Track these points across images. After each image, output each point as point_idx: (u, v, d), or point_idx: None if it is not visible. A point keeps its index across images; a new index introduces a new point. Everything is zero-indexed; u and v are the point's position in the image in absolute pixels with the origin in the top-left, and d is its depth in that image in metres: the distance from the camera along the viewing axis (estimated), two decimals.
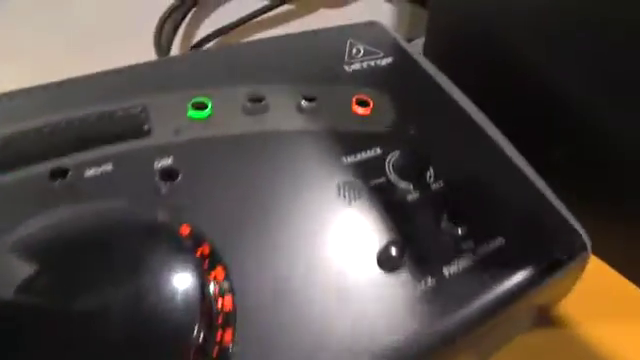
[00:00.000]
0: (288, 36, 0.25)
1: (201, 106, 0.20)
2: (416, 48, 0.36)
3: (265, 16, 0.36)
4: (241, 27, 0.35)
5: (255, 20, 0.35)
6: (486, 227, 0.19)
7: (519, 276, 0.18)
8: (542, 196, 0.21)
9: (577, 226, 0.20)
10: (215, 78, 0.21)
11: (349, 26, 0.27)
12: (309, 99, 0.21)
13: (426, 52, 0.34)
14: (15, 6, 0.30)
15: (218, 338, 0.14)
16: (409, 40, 0.40)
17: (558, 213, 0.20)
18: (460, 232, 0.18)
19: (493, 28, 0.27)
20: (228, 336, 0.14)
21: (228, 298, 0.15)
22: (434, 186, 0.19)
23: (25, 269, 0.13)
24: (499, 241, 0.18)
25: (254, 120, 0.20)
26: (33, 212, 0.15)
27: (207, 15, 0.35)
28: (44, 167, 0.17)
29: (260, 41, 0.24)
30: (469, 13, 0.29)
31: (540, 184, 0.21)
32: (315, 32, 0.26)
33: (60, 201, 0.16)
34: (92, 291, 0.13)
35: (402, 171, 0.19)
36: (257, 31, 0.37)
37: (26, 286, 0.13)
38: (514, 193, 0.20)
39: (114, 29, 0.32)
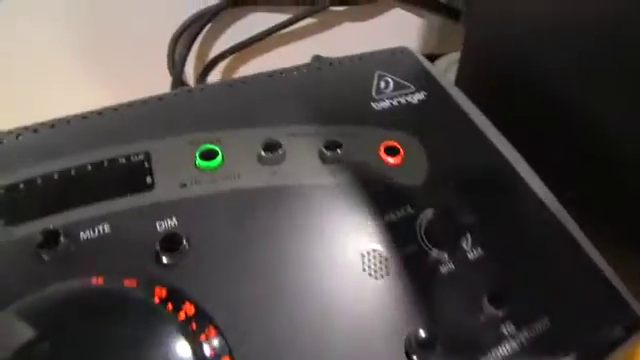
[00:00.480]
0: (309, 67, 0.23)
1: (210, 155, 0.18)
2: (445, 64, 0.34)
3: (284, 31, 0.33)
4: (258, 43, 0.33)
5: (274, 35, 0.33)
6: (530, 306, 0.16)
7: None
8: (594, 266, 0.18)
9: (631, 300, 0.18)
10: (227, 119, 0.19)
11: (376, 54, 0.24)
12: (333, 146, 0.18)
13: (461, 72, 0.32)
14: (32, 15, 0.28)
15: None
16: (440, 55, 0.38)
17: (611, 286, 0.18)
18: (501, 312, 0.16)
19: (531, 52, 0.25)
20: None
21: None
22: (472, 255, 0.17)
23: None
24: (544, 323, 0.16)
25: (270, 171, 0.18)
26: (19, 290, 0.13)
27: (223, 31, 0.32)
28: (33, 228, 0.15)
29: (278, 74, 0.22)
30: (506, 32, 0.26)
31: (591, 251, 0.19)
32: (339, 61, 0.23)
33: (50, 276, 0.14)
34: None
35: (436, 236, 0.17)
36: (275, 47, 0.35)
37: None
38: (563, 263, 0.18)
39: (126, 42, 0.30)
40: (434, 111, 0.22)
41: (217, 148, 0.18)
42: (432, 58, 0.39)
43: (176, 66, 0.30)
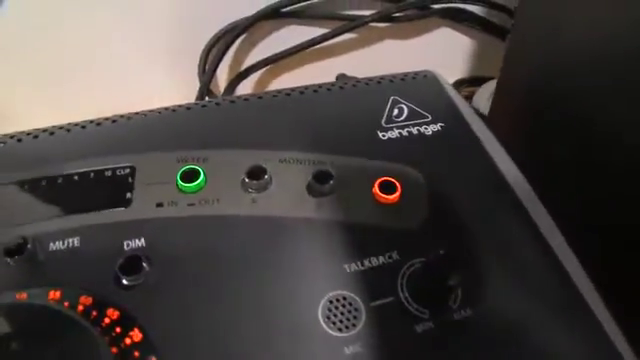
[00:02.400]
0: (322, 89, 0.22)
1: (192, 176, 0.17)
2: (493, 88, 0.31)
3: (319, 46, 0.33)
4: (291, 57, 0.32)
5: (308, 50, 0.32)
6: None
7: None
8: (611, 346, 0.15)
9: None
10: (220, 138, 0.19)
11: (397, 76, 0.23)
12: (322, 178, 0.17)
13: (497, 98, 0.29)
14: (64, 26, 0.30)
15: None
16: (489, 78, 0.35)
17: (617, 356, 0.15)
18: None
19: (576, 78, 0.22)
20: None
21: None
22: (458, 316, 0.15)
23: None
24: None
25: (250, 199, 0.17)
26: None
27: (258, 42, 0.32)
28: (11, 234, 0.15)
29: (286, 94, 0.21)
30: (552, 55, 0.23)
31: (611, 329, 0.16)
32: (356, 84, 0.22)
33: (11, 282, 0.14)
34: None
35: (419, 290, 0.15)
36: (309, 62, 0.34)
37: None
38: (570, 339, 0.15)
39: (157, 50, 0.31)
40: (448, 146, 0.20)
41: (200, 169, 0.17)
42: (480, 81, 0.37)
43: (205, 75, 0.30)
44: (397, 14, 0.33)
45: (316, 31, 0.32)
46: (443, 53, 0.36)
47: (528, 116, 0.26)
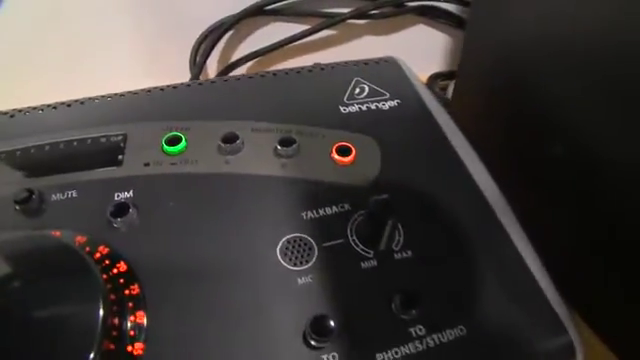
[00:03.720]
0: (292, 71, 0.24)
1: (175, 141, 0.20)
2: None
3: (305, 41, 0.35)
4: (277, 50, 0.35)
5: (294, 44, 0.35)
6: (447, 312, 0.16)
7: None
8: (533, 282, 0.18)
9: (568, 323, 0.17)
10: (201, 112, 0.21)
11: (363, 62, 0.25)
12: (287, 143, 0.20)
13: (459, 83, 0.32)
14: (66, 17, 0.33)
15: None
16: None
17: (547, 304, 0.17)
18: (411, 314, 0.16)
19: (528, 64, 0.24)
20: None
21: (141, 314, 0.15)
22: (399, 256, 0.18)
23: None
24: (459, 330, 0.16)
25: (225, 160, 0.20)
26: None
27: (245, 37, 0.35)
28: (17, 187, 0.18)
29: (260, 75, 0.24)
30: (506, 43, 0.26)
31: (536, 268, 0.18)
32: (323, 67, 0.25)
33: (18, 224, 0.17)
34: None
35: (365, 234, 0.18)
36: (292, 57, 0.37)
37: None
38: (497, 275, 0.18)
39: (150, 44, 0.34)
40: (403, 119, 0.22)
41: (182, 136, 0.20)
42: (454, 75, 0.39)
43: (195, 68, 0.33)
44: (373, 11, 0.35)
45: (298, 27, 0.35)
46: (418, 48, 0.38)
47: (481, 100, 0.28)
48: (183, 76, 0.33)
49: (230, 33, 0.34)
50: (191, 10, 0.33)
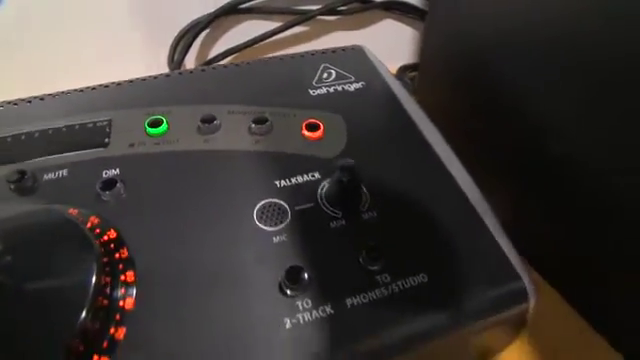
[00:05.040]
0: (266, 60, 0.26)
1: (157, 123, 0.21)
2: None
3: (278, 37, 0.37)
4: (253, 47, 0.37)
5: (268, 40, 0.37)
6: (410, 262, 0.18)
7: (434, 317, 0.17)
8: (488, 235, 0.20)
9: (521, 270, 0.19)
10: (180, 98, 0.23)
11: (330, 50, 0.27)
12: (260, 121, 0.22)
13: (422, 72, 0.34)
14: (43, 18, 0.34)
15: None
16: None
17: (502, 254, 0.19)
18: (377, 264, 0.18)
19: (484, 50, 0.27)
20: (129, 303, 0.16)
21: (130, 273, 0.17)
22: (365, 216, 0.19)
23: None
24: (421, 278, 0.18)
25: (204, 139, 0.21)
26: None
27: (221, 35, 0.37)
28: (11, 168, 0.19)
29: (235, 65, 0.26)
30: (462, 35, 0.28)
31: (489, 220, 0.20)
32: (293, 56, 0.27)
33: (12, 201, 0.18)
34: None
35: (332, 198, 0.19)
36: (268, 52, 0.39)
37: None
38: (455, 229, 0.20)
39: (131, 43, 0.35)
40: (367, 98, 0.24)
41: (164, 118, 0.22)
42: None
43: (174, 65, 0.34)
44: (342, 8, 0.38)
45: (271, 25, 0.37)
46: (387, 42, 0.41)
47: (441, 89, 0.30)
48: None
49: (206, 31, 0.36)
50: (168, 10, 0.34)
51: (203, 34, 0.36)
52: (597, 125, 0.20)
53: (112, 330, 0.16)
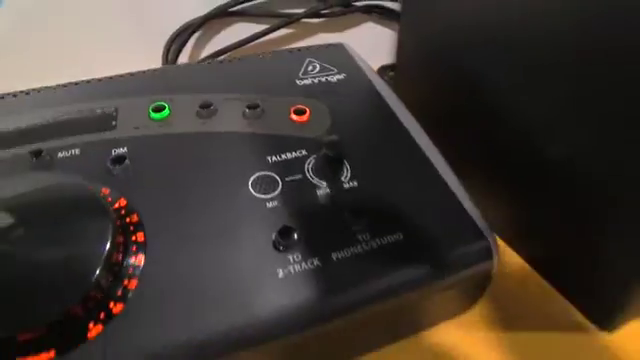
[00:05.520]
0: (257, 56, 0.29)
1: (160, 109, 0.24)
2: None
3: (266, 38, 0.40)
4: (242, 48, 0.40)
5: (256, 42, 0.40)
6: (387, 223, 0.21)
7: (409, 271, 0.20)
8: (455, 199, 0.22)
9: (486, 231, 0.22)
10: (181, 88, 0.26)
11: (315, 47, 0.30)
12: (252, 107, 0.24)
13: (398, 72, 0.37)
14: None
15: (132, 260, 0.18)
16: None
17: (468, 217, 0.22)
18: (359, 225, 0.20)
19: (456, 48, 0.30)
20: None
21: (140, 234, 0.19)
22: (347, 185, 0.22)
23: None
24: (397, 236, 0.21)
25: (203, 122, 0.24)
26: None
27: (212, 37, 0.40)
28: (30, 148, 0.22)
29: (228, 60, 0.28)
30: (435, 31, 0.31)
31: (458, 190, 0.23)
32: (281, 52, 0.29)
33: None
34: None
35: (318, 170, 0.22)
36: (256, 52, 0.41)
37: None
38: (427, 196, 0.22)
39: (126, 44, 0.38)
40: (348, 87, 0.27)
41: (166, 105, 0.24)
42: None
43: (169, 64, 0.37)
44: (325, 11, 0.41)
45: (258, 27, 0.39)
46: (368, 44, 0.44)
47: (416, 87, 0.33)
48: None
49: (198, 33, 0.39)
50: (162, 13, 0.37)
51: (195, 36, 0.38)
52: (561, 116, 0.23)
53: (125, 282, 0.18)
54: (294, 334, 0.18)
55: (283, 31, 0.41)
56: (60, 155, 0.22)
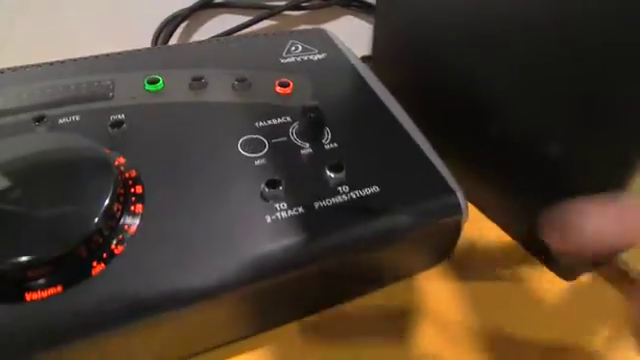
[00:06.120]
0: (244, 37, 0.31)
1: (155, 81, 0.26)
2: None
3: (249, 29, 0.42)
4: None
5: (240, 32, 0.42)
6: (365, 178, 0.23)
7: (385, 220, 0.22)
8: (426, 159, 0.25)
9: (455, 187, 0.24)
10: (174, 64, 0.28)
11: (298, 31, 0.33)
12: (240, 80, 0.26)
13: (374, 62, 0.40)
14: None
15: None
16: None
17: (438, 175, 0.24)
18: (338, 179, 0.22)
19: (427, 35, 0.32)
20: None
21: (139, 187, 0.21)
22: (328, 146, 0.24)
23: None
24: (374, 189, 0.23)
25: (195, 93, 0.26)
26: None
27: (198, 27, 0.42)
28: (32, 115, 0.23)
29: (216, 40, 0.30)
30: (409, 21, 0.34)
31: (429, 152, 0.25)
32: (266, 35, 0.32)
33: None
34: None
35: (301, 134, 0.24)
36: None
37: None
38: (401, 157, 0.25)
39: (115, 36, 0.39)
40: (328, 65, 0.30)
41: (160, 77, 0.26)
42: None
43: None
44: (305, 4, 0.43)
45: (242, 18, 0.42)
46: (346, 36, 0.46)
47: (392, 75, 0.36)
48: None
49: (184, 24, 0.41)
50: (150, 4, 0.39)
51: (182, 26, 0.40)
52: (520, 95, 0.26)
53: (126, 227, 0.20)
54: (281, 274, 0.20)
55: (266, 22, 0.43)
56: (61, 121, 0.23)
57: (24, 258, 0.17)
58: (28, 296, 0.17)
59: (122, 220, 0.20)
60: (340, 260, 0.21)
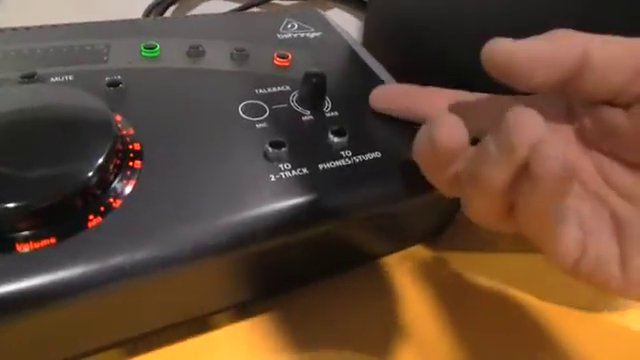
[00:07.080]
0: (242, 13, 0.31)
1: (152, 47, 0.25)
2: None
3: None
4: None
5: None
6: (366, 144, 0.23)
7: (387, 183, 0.22)
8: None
9: None
10: (172, 33, 0.27)
11: (292, 11, 0.33)
12: (239, 50, 0.26)
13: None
14: None
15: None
16: None
17: None
18: (341, 143, 0.22)
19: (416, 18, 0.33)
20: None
21: (137, 145, 0.20)
22: (329, 114, 0.24)
23: None
24: (376, 154, 0.23)
25: (192, 61, 0.25)
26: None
27: (188, 12, 0.41)
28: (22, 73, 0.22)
29: (215, 15, 0.30)
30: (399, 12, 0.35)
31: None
32: (263, 13, 0.32)
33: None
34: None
35: (302, 101, 0.24)
36: None
37: None
38: (400, 126, 0.25)
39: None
40: (323, 41, 0.30)
41: (157, 44, 0.25)
42: None
43: None
44: None
45: (233, 4, 0.41)
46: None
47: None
48: None
49: (173, 8, 0.40)
50: None
51: (171, 10, 0.40)
52: None
53: (124, 182, 0.19)
54: (287, 234, 0.20)
55: (255, 10, 0.43)
56: (53, 80, 0.22)
57: (12, 204, 0.16)
58: (19, 247, 0.16)
59: (121, 175, 0.19)
60: (343, 223, 0.21)
